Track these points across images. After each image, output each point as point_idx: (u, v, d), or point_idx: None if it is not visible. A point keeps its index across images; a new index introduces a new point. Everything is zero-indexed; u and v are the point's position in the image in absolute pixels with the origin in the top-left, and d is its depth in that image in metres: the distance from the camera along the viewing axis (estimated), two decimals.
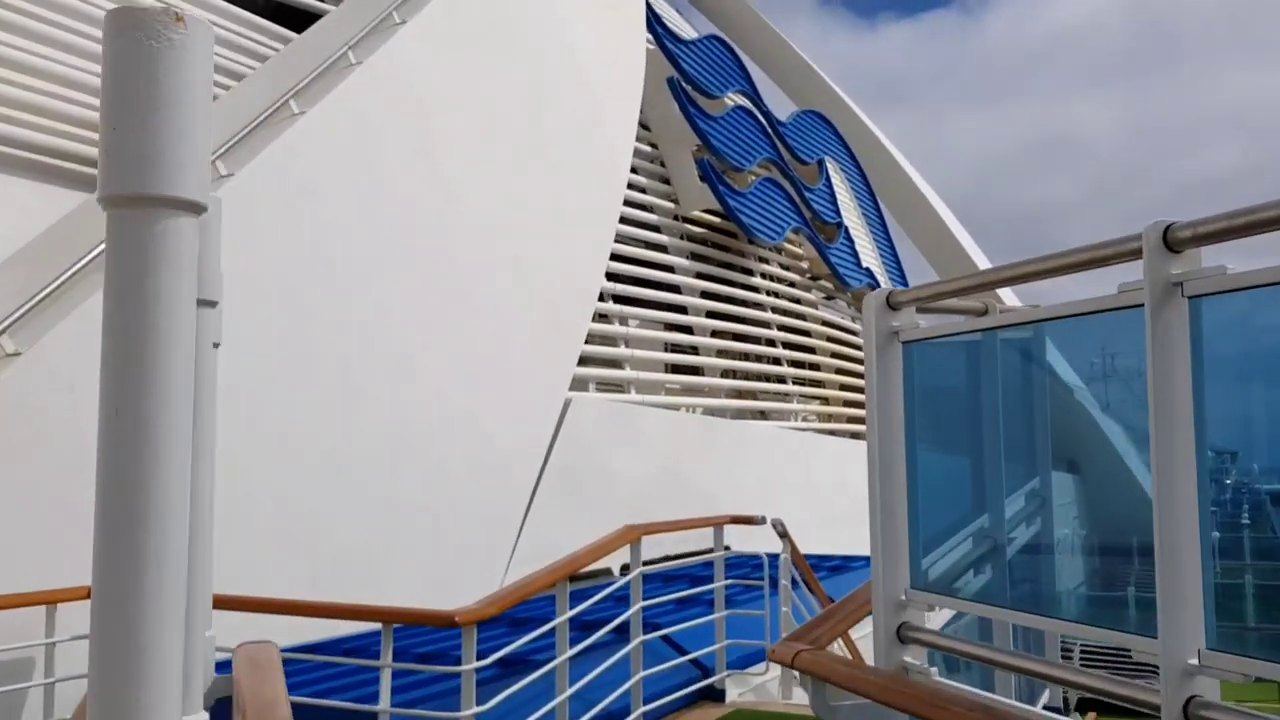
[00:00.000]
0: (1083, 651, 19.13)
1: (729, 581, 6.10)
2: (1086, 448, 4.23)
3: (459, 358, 7.92)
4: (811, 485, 13.96)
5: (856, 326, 21.77)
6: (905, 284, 24.85)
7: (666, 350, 15.08)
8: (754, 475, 12.25)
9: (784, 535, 6.26)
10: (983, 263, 31.73)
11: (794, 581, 6.36)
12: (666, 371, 14.98)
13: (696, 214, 16.09)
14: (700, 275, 15.82)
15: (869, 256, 22.54)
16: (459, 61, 8.71)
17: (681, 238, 15.71)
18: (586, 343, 13.03)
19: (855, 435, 18.53)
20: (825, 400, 19.38)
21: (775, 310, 17.82)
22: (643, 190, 14.96)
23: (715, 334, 16.01)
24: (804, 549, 11.83)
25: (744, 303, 16.73)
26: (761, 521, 6.18)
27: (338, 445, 6.65)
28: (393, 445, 7.08)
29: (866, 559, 9.38)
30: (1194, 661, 2.31)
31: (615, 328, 13.16)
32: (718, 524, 6.06)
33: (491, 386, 8.16)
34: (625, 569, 6.19)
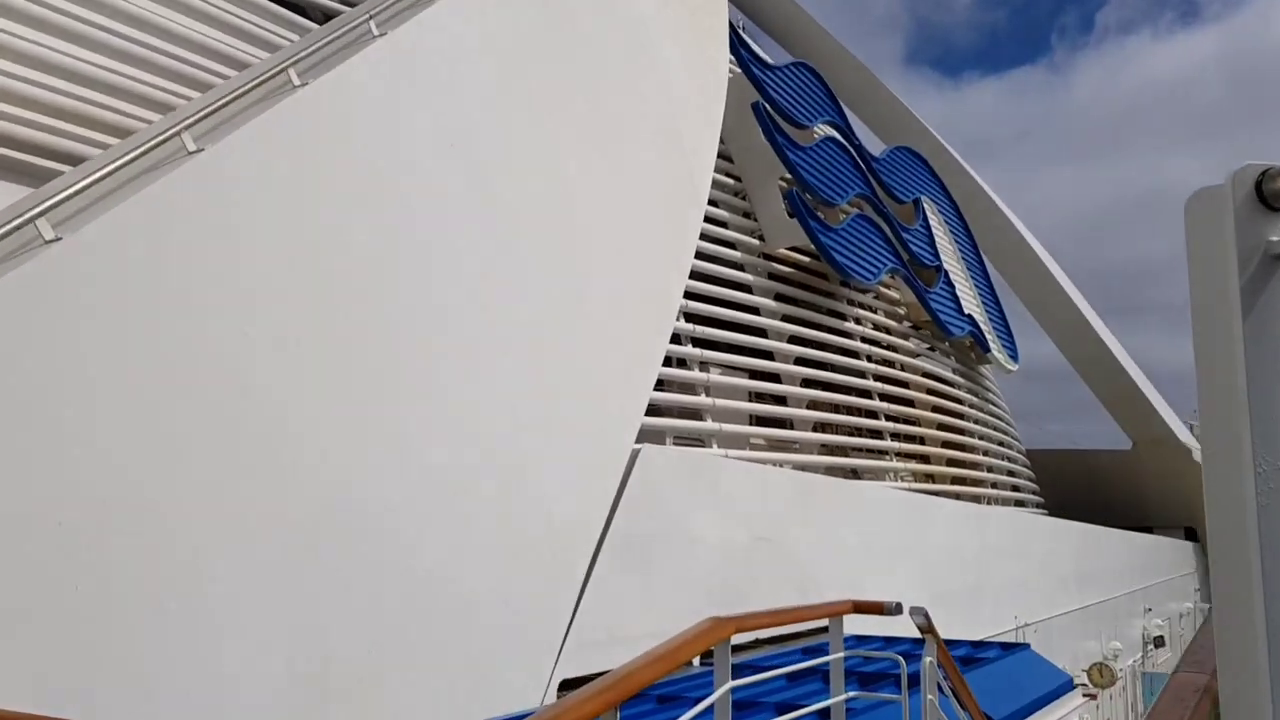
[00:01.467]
0: None
1: (851, 695, 4.53)
2: None
3: (504, 396, 6.49)
4: (923, 556, 12.21)
5: (958, 379, 20.00)
6: (1010, 335, 22.99)
7: (751, 400, 13.55)
8: (858, 544, 10.60)
9: (928, 630, 4.67)
10: (1090, 315, 29.71)
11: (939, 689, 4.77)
12: (751, 424, 13.44)
13: (783, 252, 14.62)
14: (787, 318, 14.29)
15: (970, 303, 20.79)
16: (509, 46, 7.40)
17: (768, 277, 14.22)
18: (662, 389, 11.59)
19: (957, 497, 16.76)
20: (926, 459, 17.57)
21: (870, 359, 16.18)
22: (724, 225, 13.57)
23: (805, 383, 14.42)
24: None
25: (837, 349, 15.12)
26: (896, 611, 4.61)
27: (338, 502, 5.24)
28: (415, 503, 5.65)
29: (1004, 648, 7.56)
30: None
31: (695, 374, 11.70)
32: (834, 614, 4.47)
33: (542, 433, 6.70)
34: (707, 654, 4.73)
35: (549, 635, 6.34)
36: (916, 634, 8.61)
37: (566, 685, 6.42)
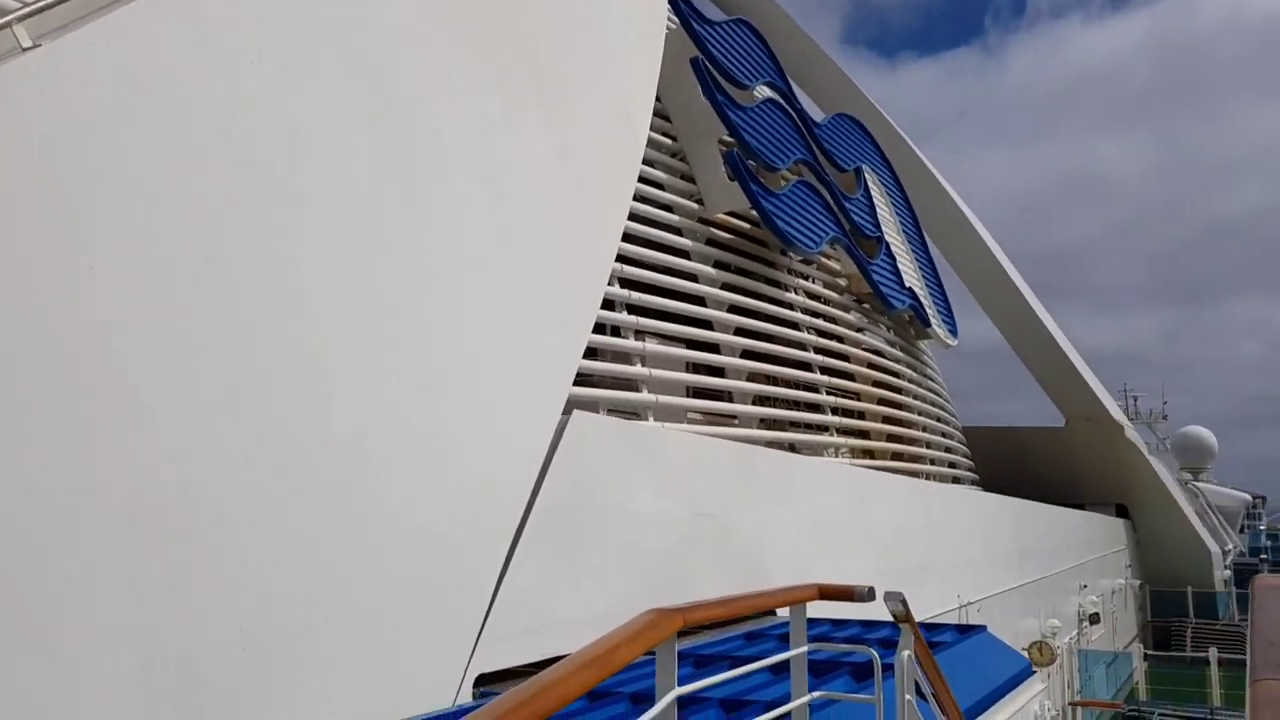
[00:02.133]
0: None
1: (817, 695, 3.83)
2: None
3: (414, 358, 5.69)
4: (871, 534, 11.66)
5: (898, 353, 19.55)
6: (949, 309, 22.63)
7: (689, 371, 12.87)
8: (805, 521, 9.98)
9: (905, 619, 3.97)
10: (1028, 293, 29.58)
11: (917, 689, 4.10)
12: (689, 396, 12.76)
13: (722, 217, 13.93)
14: (727, 286, 13.62)
15: (911, 277, 20.35)
16: None
17: (706, 243, 13.52)
18: (595, 358, 10.85)
19: (896, 474, 16.28)
20: (866, 434, 17.08)
21: (811, 331, 15.59)
22: (661, 187, 12.82)
23: (745, 354, 13.78)
24: (868, 615, 9.49)
25: (777, 320, 14.49)
26: (868, 597, 3.92)
27: (207, 480, 4.42)
28: (307, 483, 4.84)
29: (960, 630, 6.97)
30: None
31: (630, 342, 10.97)
32: (797, 601, 3.76)
33: (458, 400, 5.91)
34: None
35: (463, 624, 5.58)
36: (870, 616, 8.02)
37: (484, 680, 5.67)
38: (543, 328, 6.84)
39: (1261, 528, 76.02)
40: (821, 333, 16.05)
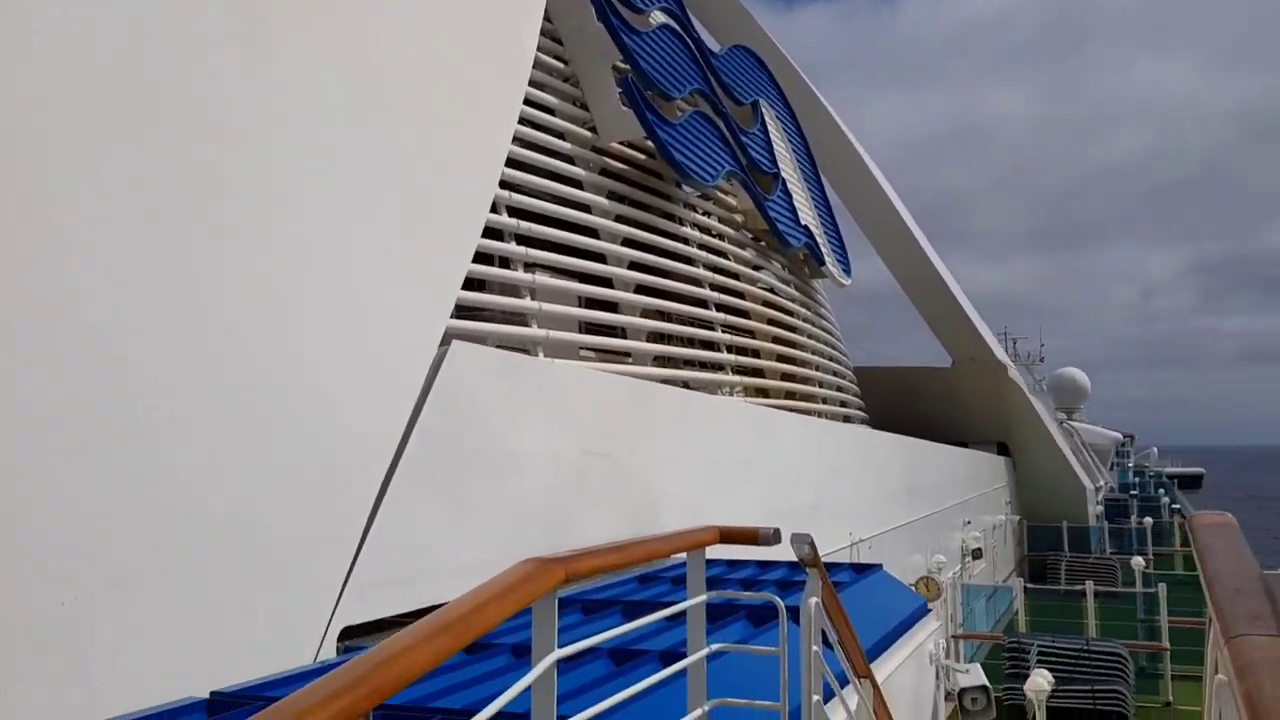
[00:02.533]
0: None
1: (717, 648, 3.45)
2: None
3: (267, 283, 5.08)
4: (767, 472, 11.42)
5: (793, 291, 19.38)
6: (844, 250, 22.55)
7: (581, 306, 12.40)
8: (701, 460, 9.66)
9: (813, 563, 3.59)
10: (920, 236, 29.78)
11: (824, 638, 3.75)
12: (581, 332, 12.31)
13: (616, 147, 13.40)
14: (621, 219, 13.14)
15: (806, 215, 20.13)
16: None
17: (600, 173, 12.99)
18: (483, 290, 10.29)
19: (790, 412, 16.15)
20: (760, 373, 16.89)
21: (707, 267, 15.23)
22: (552, 112, 12.21)
23: (639, 290, 13.36)
24: (767, 554, 9.22)
25: (672, 255, 14.08)
26: (774, 540, 3.53)
27: (37, 418, 3.80)
28: (148, 420, 4.24)
29: (856, 570, 6.73)
30: None
31: (519, 274, 10.42)
32: (696, 546, 3.35)
33: (319, 328, 5.33)
34: None
35: (326, 573, 5.06)
36: (766, 556, 7.74)
37: (350, 633, 5.18)
38: (418, 250, 6.27)
39: (1130, 465, 79.47)
40: (717, 269, 15.72)
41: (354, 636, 5.26)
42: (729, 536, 3.44)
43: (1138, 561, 24.90)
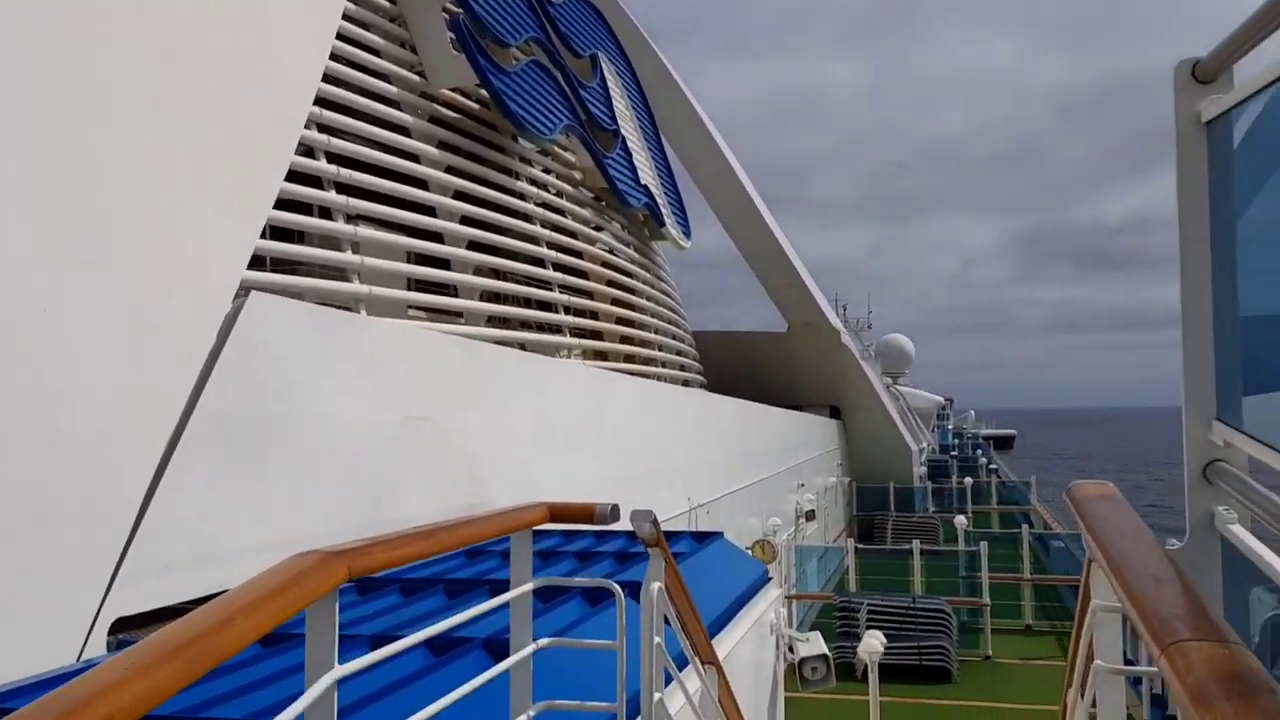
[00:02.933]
0: None
1: (544, 643, 2.94)
2: None
3: (25, 223, 4.28)
4: (605, 436, 10.99)
5: (632, 253, 19.00)
6: (684, 213, 22.29)
7: (409, 262, 11.66)
8: (534, 426, 9.12)
9: (656, 543, 3.12)
10: (759, 201, 29.85)
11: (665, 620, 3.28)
12: (410, 289, 11.57)
13: (447, 94, 12.64)
14: (452, 170, 12.41)
15: (646, 175, 19.73)
16: None
17: (429, 120, 12.21)
18: (301, 242, 9.46)
19: (630, 375, 15.81)
20: (599, 335, 16.47)
21: (545, 224, 14.66)
22: (377, 53, 11.37)
23: (472, 246, 12.68)
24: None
25: (508, 211, 13.44)
26: (612, 517, 3.04)
27: None
28: None
29: (697, 538, 6.38)
30: None
31: (340, 225, 9.64)
32: (522, 527, 2.81)
33: (86, 276, 4.55)
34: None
35: (96, 556, 4.33)
36: (594, 527, 7.32)
37: (123, 625, 4.46)
38: (210, 190, 5.49)
39: (949, 427, 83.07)
40: (555, 227, 15.16)
41: (130, 629, 4.55)
42: (560, 515, 2.95)
43: (960, 520, 25.73)
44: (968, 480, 40.98)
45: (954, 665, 18.29)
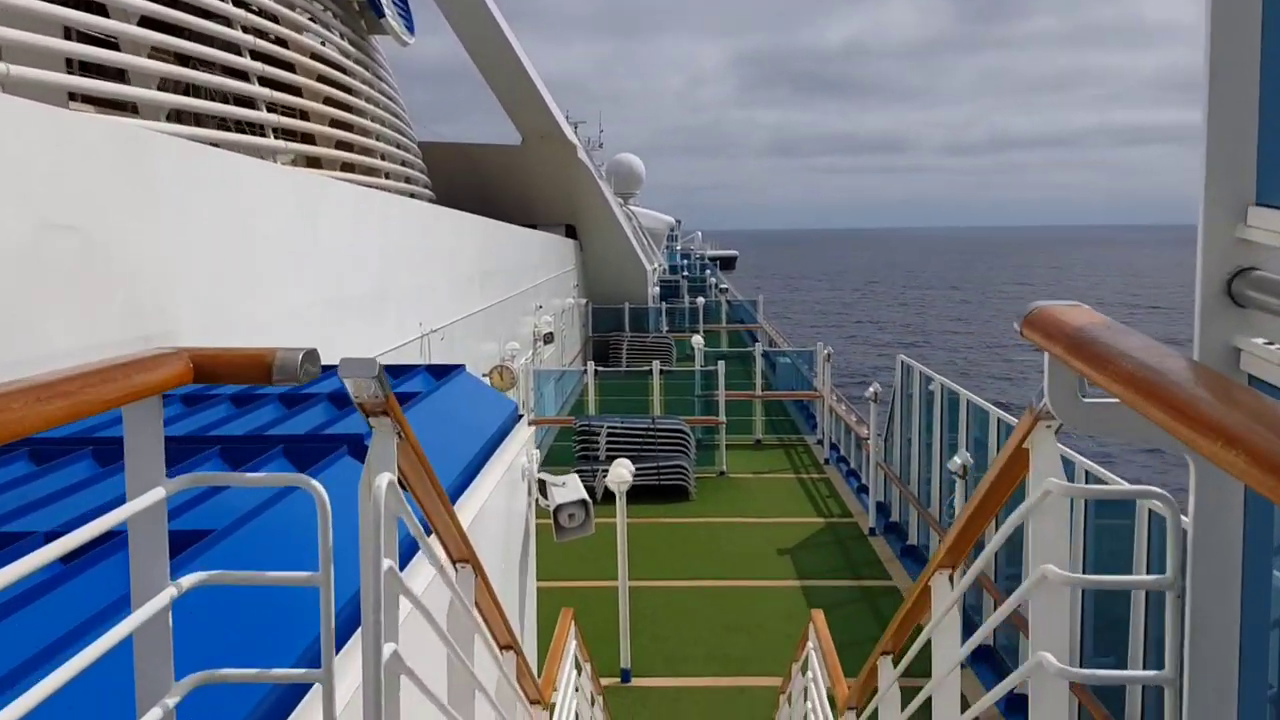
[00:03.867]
0: None
1: (196, 581, 1.74)
2: None
3: None
4: (320, 253, 9.37)
5: (348, 47, 16.77)
6: (406, 4, 20.01)
7: (71, 39, 9.37)
8: (226, 237, 7.42)
9: (383, 411, 1.91)
10: (495, 10, 27.52)
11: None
12: (71, 72, 9.32)
13: None
14: None
15: None
16: None
17: None
18: None
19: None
20: (311, 139, 14.45)
21: (238, 4, 12.37)
22: None
23: (145, 22, 10.40)
24: (317, 344, 7.42)
25: None
26: (302, 372, 1.81)
27: None
28: None
29: (435, 374, 5.37)
30: None
31: None
32: (137, 397, 1.58)
33: None
34: None
35: None
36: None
37: None
38: None
39: (678, 248, 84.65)
40: (252, 8, 12.87)
41: None
42: (211, 369, 1.67)
43: (698, 340, 25.76)
44: (700, 300, 41.54)
45: (692, 484, 18.30)
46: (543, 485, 6.85)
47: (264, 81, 12.58)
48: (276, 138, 12.63)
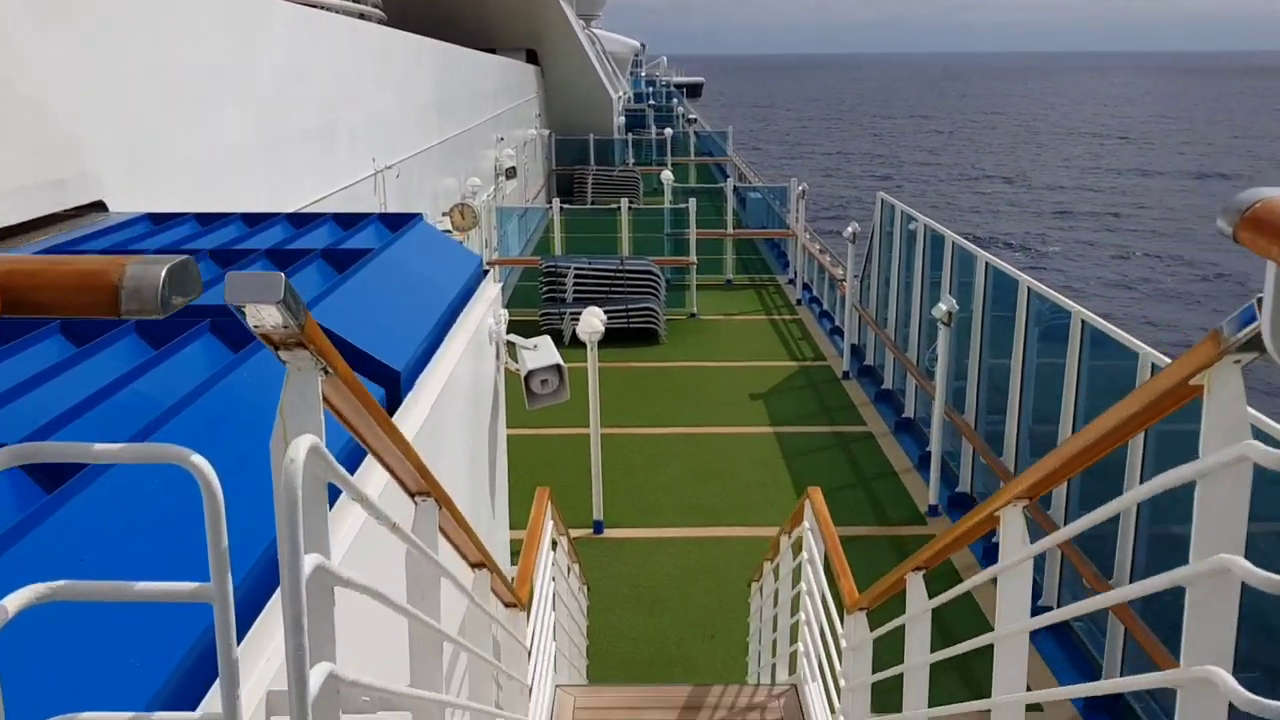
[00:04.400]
0: None
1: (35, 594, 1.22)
2: None
3: None
4: (257, 83, 8.42)
5: None
6: None
7: None
8: (152, 68, 6.51)
9: (298, 342, 1.33)
10: None
11: None
12: None
13: None
14: None
15: None
16: None
17: None
18: None
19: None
20: None
21: None
22: None
23: None
24: (256, 205, 6.80)
25: None
26: (158, 301, 1.24)
27: None
28: None
29: (389, 224, 4.76)
30: None
31: None
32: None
33: None
34: None
35: None
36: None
37: None
38: None
39: (643, 75, 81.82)
40: None
41: None
42: (25, 296, 1.03)
43: (667, 176, 24.74)
44: (667, 131, 40.06)
45: (662, 327, 17.81)
46: (512, 348, 6.26)
47: None
48: None
